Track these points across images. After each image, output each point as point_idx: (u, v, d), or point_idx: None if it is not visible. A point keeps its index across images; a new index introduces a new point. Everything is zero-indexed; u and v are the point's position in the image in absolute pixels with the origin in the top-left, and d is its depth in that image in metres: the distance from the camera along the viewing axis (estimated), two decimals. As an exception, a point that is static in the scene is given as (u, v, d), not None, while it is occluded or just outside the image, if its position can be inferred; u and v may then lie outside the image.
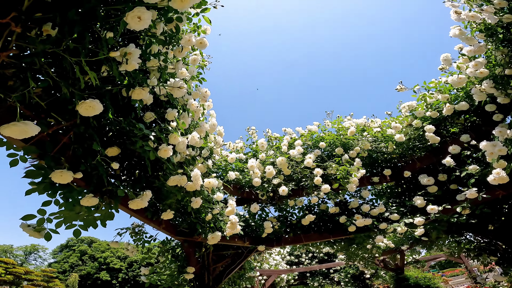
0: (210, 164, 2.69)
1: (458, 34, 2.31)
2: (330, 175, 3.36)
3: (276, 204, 3.81)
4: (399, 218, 3.15)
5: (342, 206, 3.59)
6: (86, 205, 1.52)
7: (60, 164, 1.51)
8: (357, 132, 3.72)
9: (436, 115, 3.05)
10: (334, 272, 10.81)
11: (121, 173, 2.04)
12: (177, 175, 1.94)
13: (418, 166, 3.31)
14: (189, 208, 2.13)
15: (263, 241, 3.45)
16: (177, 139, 1.83)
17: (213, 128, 2.72)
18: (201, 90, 2.43)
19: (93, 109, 1.21)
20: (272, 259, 9.63)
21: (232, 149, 3.86)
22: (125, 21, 1.13)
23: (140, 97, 1.54)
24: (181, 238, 2.65)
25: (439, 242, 3.99)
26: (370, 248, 4.46)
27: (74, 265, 30.58)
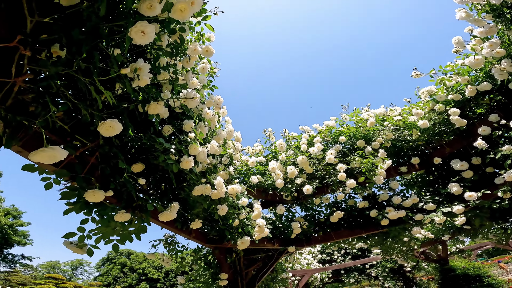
0: (232, 171, 2.68)
1: (465, 16, 2.28)
2: (354, 169, 3.23)
3: (301, 204, 3.72)
4: (436, 208, 2.94)
5: (371, 200, 3.43)
6: (120, 221, 1.56)
7: (91, 184, 1.56)
8: (377, 123, 3.56)
9: (459, 98, 2.90)
10: (370, 267, 10.38)
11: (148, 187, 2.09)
12: (201, 184, 1.95)
13: (447, 151, 3.10)
14: (216, 215, 2.13)
15: (293, 242, 3.38)
16: (197, 149, 1.83)
17: (230, 135, 2.70)
18: (214, 98, 2.40)
19: (113, 129, 1.24)
20: (303, 259, 9.44)
21: (252, 153, 3.84)
22: (130, 36, 1.13)
23: (156, 111, 1.55)
24: (212, 246, 2.66)
25: (483, 230, 3.68)
26: (407, 241, 4.21)
27: (116, 277, 31.95)
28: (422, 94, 3.33)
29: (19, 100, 1.20)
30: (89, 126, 1.49)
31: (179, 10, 1.20)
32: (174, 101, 1.81)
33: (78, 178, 1.50)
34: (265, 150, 3.91)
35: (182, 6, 1.19)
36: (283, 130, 4.03)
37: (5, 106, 1.16)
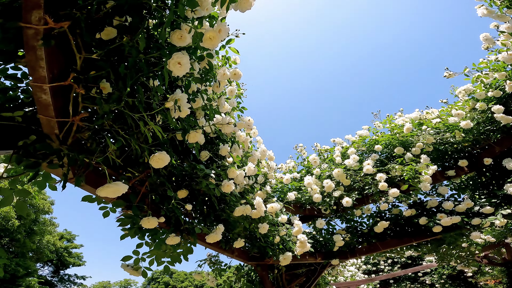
0: (269, 189, 2.63)
1: (487, 13, 2.22)
2: (394, 177, 2.96)
3: (341, 216, 3.49)
4: (494, 210, 2.57)
5: (418, 207, 3.09)
6: (171, 244, 1.59)
7: (144, 211, 1.63)
8: (414, 127, 3.26)
9: (500, 94, 2.62)
10: (424, 275, 9.25)
11: (192, 211, 2.13)
12: (241, 205, 1.93)
13: (498, 150, 2.73)
14: (257, 233, 2.08)
15: (336, 255, 3.16)
16: (235, 172, 1.85)
17: (264, 155, 2.67)
18: (245, 119, 2.38)
19: (162, 160, 1.28)
20: (346, 271, 8.76)
21: (285, 170, 3.75)
22: (168, 68, 1.14)
23: (195, 139, 1.57)
24: (254, 263, 2.59)
25: None
26: (466, 246, 3.69)
27: None
28: (459, 93, 3.05)
29: (77, 138, 1.25)
30: (138, 159, 1.57)
31: (208, 38, 1.21)
32: (210, 127, 1.84)
33: (133, 207, 1.59)
34: (298, 165, 3.80)
35: (211, 35, 1.19)
36: (314, 145, 3.90)
37: (67, 145, 1.20)
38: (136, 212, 1.59)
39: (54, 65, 0.95)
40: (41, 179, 1.33)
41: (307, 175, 3.46)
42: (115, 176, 1.59)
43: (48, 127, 1.10)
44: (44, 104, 1.00)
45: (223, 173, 1.81)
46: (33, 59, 0.87)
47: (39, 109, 1.02)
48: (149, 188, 1.72)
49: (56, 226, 16.74)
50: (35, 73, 0.90)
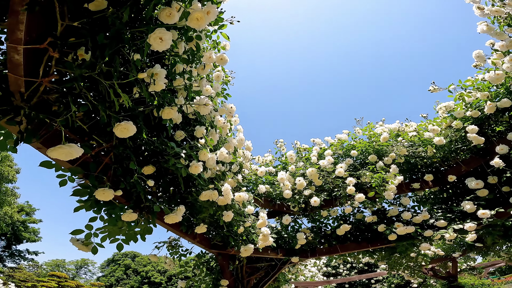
0: (240, 179, 2.69)
1: (486, 29, 2.21)
2: (364, 183, 3.17)
3: (308, 215, 3.67)
4: (447, 225, 2.85)
5: (380, 215, 3.34)
6: (127, 220, 1.59)
7: (103, 183, 1.61)
8: (391, 138, 3.48)
9: (478, 114, 2.80)
10: (376, 282, 10.04)
11: (157, 190, 2.13)
12: (208, 190, 1.96)
13: (463, 169, 3.00)
14: (221, 221, 2.13)
15: (297, 253, 3.33)
16: (207, 155, 1.85)
17: (241, 143, 2.73)
18: (227, 106, 2.46)
19: (127, 130, 1.27)
20: (307, 271, 9.23)
21: (262, 163, 3.84)
22: (149, 42, 1.18)
23: (169, 116, 1.58)
24: (215, 251, 2.65)
25: (495, 248, 3.52)
26: (415, 257, 4.08)
27: (119, 279, 32.11)
28: (440, 109, 3.23)
29: (43, 99, 1.26)
30: (106, 127, 1.55)
31: (195, 19, 1.24)
32: (187, 107, 1.85)
33: (91, 177, 1.55)
34: (275, 160, 3.89)
35: (198, 15, 1.22)
36: (294, 142, 4.01)
37: (30, 104, 1.23)
38: (93, 183, 1.56)
39: (33, 29, 1.03)
40: (2, 138, 1.30)
41: (282, 170, 3.58)
42: (79, 142, 1.55)
43: (15, 85, 1.15)
44: (15, 64, 1.07)
45: (194, 153, 1.82)
46: (13, 23, 0.95)
47: (10, 68, 1.08)
48: (113, 159, 1.70)
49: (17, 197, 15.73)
50: (12, 35, 0.98)
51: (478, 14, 2.20)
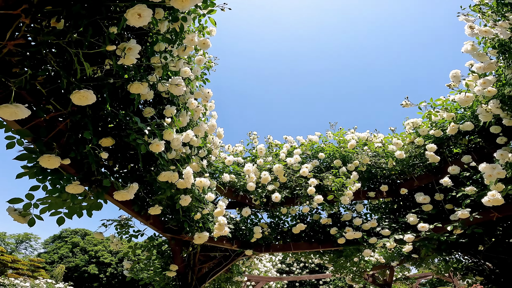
0: (205, 164, 2.71)
1: (470, 49, 2.20)
2: (326, 186, 3.36)
3: (269, 211, 3.81)
4: (390, 234, 3.15)
5: (334, 218, 3.58)
6: (71, 192, 1.55)
7: (52, 150, 1.54)
8: (359, 146, 3.71)
9: (440, 134, 3.01)
10: (323, 283, 10.73)
11: (115, 165, 2.08)
12: (169, 171, 1.96)
13: (416, 184, 3.30)
14: (178, 205, 2.14)
15: (252, 246, 3.45)
16: (172, 135, 1.85)
17: (212, 129, 2.75)
18: (204, 91, 2.48)
19: (86, 98, 1.26)
20: (262, 266, 9.58)
21: (232, 152, 3.88)
22: (125, 17, 1.17)
23: (138, 91, 1.57)
24: (169, 236, 2.66)
25: (428, 260, 3.96)
26: (357, 261, 4.44)
27: (63, 256, 30.50)
28: (407, 125, 3.42)
29: (5, 60, 1.25)
30: (66, 94, 1.51)
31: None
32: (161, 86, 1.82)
33: (39, 142, 1.49)
34: (246, 152, 3.96)
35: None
36: (267, 136, 4.12)
37: None
38: (41, 148, 1.48)
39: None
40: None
41: (250, 162, 3.67)
42: (36, 106, 1.49)
43: (-24, 44, 1.14)
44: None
45: (158, 132, 1.82)
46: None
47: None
48: (69, 126, 1.64)
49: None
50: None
51: (467, 33, 2.19)
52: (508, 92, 2.29)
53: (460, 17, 2.30)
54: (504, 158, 2.22)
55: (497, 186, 2.16)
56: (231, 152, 3.89)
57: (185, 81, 2.28)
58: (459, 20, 2.29)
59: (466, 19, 2.25)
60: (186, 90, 2.24)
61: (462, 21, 2.27)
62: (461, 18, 2.29)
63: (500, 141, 2.58)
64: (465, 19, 2.26)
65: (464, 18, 2.27)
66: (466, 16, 2.29)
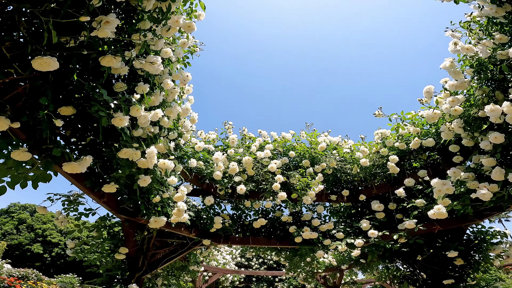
0: (172, 146, 2.69)
1: (448, 66, 2.27)
2: (292, 184, 3.48)
3: (233, 202, 3.86)
4: (343, 237, 3.35)
5: (295, 217, 3.72)
6: (17, 159, 1.47)
7: (4, 112, 1.46)
8: (328, 149, 3.88)
9: (404, 147, 3.23)
10: (279, 281, 11.14)
11: (73, 136, 2.01)
12: (131, 148, 1.93)
13: (374, 192, 3.53)
14: (135, 185, 2.11)
15: (211, 236, 3.47)
16: (139, 112, 1.84)
17: (185, 112, 2.77)
18: (183, 74, 2.51)
19: (47, 65, 1.29)
20: (222, 258, 9.69)
21: (204, 138, 3.87)
22: None
23: (109, 64, 1.58)
24: (123, 217, 2.60)
25: (373, 266, 4.28)
26: (310, 262, 4.67)
27: (7, 233, 28.28)
28: (376, 135, 3.64)
29: None
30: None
31: None
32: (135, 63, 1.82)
33: (-10, 102, 1.40)
34: (218, 140, 3.97)
35: None
36: (242, 128, 4.16)
37: None
38: (-9, 109, 1.41)
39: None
40: None
41: (221, 151, 3.69)
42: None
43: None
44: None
45: (125, 106, 1.78)
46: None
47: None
48: (28, 91, 1.58)
49: None
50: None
51: (450, 49, 2.24)
52: (474, 113, 2.40)
53: (448, 32, 2.32)
54: (456, 176, 2.45)
55: (444, 201, 2.40)
56: (203, 139, 3.88)
57: (165, 62, 2.32)
58: (446, 35, 2.32)
59: (452, 35, 2.28)
60: (164, 71, 2.29)
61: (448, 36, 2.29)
62: (447, 34, 2.31)
63: (456, 160, 2.80)
64: (452, 34, 2.29)
65: (450, 34, 2.29)
66: (453, 32, 2.31)
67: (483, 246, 3.05)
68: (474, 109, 2.41)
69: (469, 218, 2.82)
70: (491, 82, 2.31)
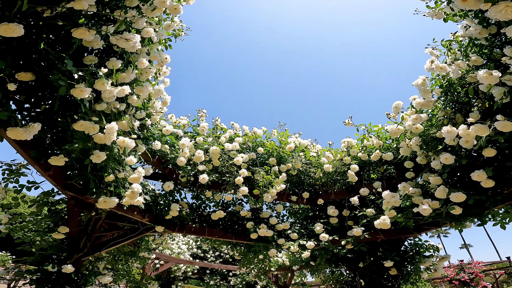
0: (137, 125, 2.61)
1: (420, 84, 2.34)
2: (255, 180, 3.55)
3: (194, 191, 3.85)
4: (297, 238, 3.50)
5: (255, 213, 3.81)
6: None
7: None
8: (297, 151, 4.02)
9: (365, 158, 3.45)
10: (233, 275, 11.31)
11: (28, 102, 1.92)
12: (89, 121, 1.86)
13: (332, 197, 3.74)
14: (87, 160, 2.02)
15: (165, 223, 3.42)
16: (104, 86, 1.82)
17: (157, 93, 2.75)
18: (162, 55, 2.57)
19: (12, 31, 1.36)
20: (177, 248, 9.60)
21: (174, 123, 3.80)
22: None
23: (81, 36, 1.62)
24: (70, 194, 2.43)
25: (321, 269, 4.54)
26: (262, 259, 4.83)
27: None
28: (342, 143, 3.84)
29: None
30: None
31: None
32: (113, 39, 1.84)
33: None
34: (189, 126, 3.93)
35: None
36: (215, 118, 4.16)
37: None
38: None
39: None
40: None
41: (189, 138, 3.65)
42: None
43: None
44: None
45: (90, 78, 1.74)
46: None
47: None
48: None
49: None
50: None
51: (426, 67, 2.30)
52: (433, 133, 2.57)
53: (427, 49, 2.39)
54: (405, 190, 2.69)
55: (390, 212, 2.62)
56: (173, 123, 3.81)
57: (145, 41, 2.35)
58: (425, 52, 2.40)
59: (431, 52, 2.36)
60: (142, 50, 2.32)
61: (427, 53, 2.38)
62: (427, 51, 2.39)
63: (408, 176, 3.07)
64: (431, 52, 2.37)
65: (429, 51, 2.38)
66: (433, 49, 2.39)
67: (417, 258, 3.37)
68: (434, 129, 2.58)
69: (409, 231, 3.10)
70: (455, 104, 2.43)
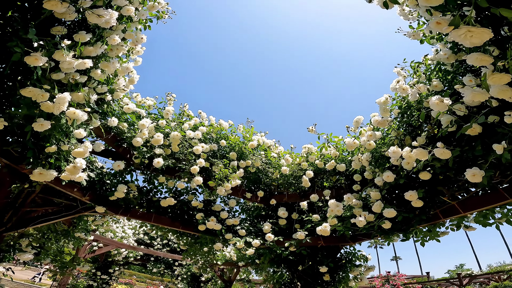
0: (94, 99, 2.53)
1: (382, 102, 2.45)
2: (212, 172, 3.61)
3: (147, 175, 3.80)
4: (245, 235, 3.65)
5: (207, 205, 3.88)
6: None
7: None
8: (259, 149, 4.16)
9: (321, 166, 3.70)
10: (179, 265, 11.27)
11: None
12: (39, 88, 1.79)
13: (285, 199, 3.94)
14: (28, 127, 1.91)
15: (108, 204, 3.31)
16: (64, 57, 1.79)
17: (125, 70, 2.75)
18: (138, 35, 2.63)
19: None
20: (122, 232, 9.29)
21: (138, 102, 3.69)
22: None
23: (53, 8, 1.65)
24: (3, 161, 2.26)
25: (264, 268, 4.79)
26: (207, 252, 4.94)
27: None
28: (303, 148, 4.06)
29: None
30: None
31: None
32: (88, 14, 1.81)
33: None
34: (154, 108, 3.85)
35: None
36: (183, 104, 4.13)
37: None
38: None
39: None
40: None
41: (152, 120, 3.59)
42: None
43: None
44: None
45: (50, 47, 1.71)
46: None
47: None
48: None
49: None
50: None
51: (391, 86, 2.42)
52: (383, 151, 2.81)
53: (396, 69, 2.51)
54: (349, 201, 2.96)
55: (332, 220, 2.88)
56: (137, 102, 3.71)
57: (123, 18, 2.37)
58: (393, 71, 2.49)
59: (398, 72, 2.48)
60: (118, 27, 2.31)
61: (395, 73, 2.49)
62: (395, 70, 2.50)
63: (355, 188, 3.35)
64: (398, 72, 2.49)
65: (397, 71, 2.49)
66: (401, 69, 2.51)
67: (348, 267, 3.72)
68: (385, 147, 2.83)
69: (346, 240, 3.41)
70: (408, 127, 2.64)
